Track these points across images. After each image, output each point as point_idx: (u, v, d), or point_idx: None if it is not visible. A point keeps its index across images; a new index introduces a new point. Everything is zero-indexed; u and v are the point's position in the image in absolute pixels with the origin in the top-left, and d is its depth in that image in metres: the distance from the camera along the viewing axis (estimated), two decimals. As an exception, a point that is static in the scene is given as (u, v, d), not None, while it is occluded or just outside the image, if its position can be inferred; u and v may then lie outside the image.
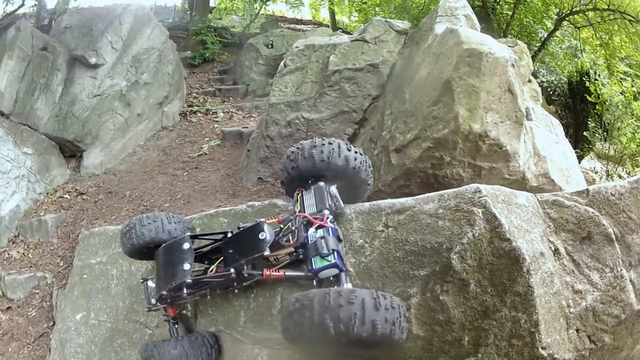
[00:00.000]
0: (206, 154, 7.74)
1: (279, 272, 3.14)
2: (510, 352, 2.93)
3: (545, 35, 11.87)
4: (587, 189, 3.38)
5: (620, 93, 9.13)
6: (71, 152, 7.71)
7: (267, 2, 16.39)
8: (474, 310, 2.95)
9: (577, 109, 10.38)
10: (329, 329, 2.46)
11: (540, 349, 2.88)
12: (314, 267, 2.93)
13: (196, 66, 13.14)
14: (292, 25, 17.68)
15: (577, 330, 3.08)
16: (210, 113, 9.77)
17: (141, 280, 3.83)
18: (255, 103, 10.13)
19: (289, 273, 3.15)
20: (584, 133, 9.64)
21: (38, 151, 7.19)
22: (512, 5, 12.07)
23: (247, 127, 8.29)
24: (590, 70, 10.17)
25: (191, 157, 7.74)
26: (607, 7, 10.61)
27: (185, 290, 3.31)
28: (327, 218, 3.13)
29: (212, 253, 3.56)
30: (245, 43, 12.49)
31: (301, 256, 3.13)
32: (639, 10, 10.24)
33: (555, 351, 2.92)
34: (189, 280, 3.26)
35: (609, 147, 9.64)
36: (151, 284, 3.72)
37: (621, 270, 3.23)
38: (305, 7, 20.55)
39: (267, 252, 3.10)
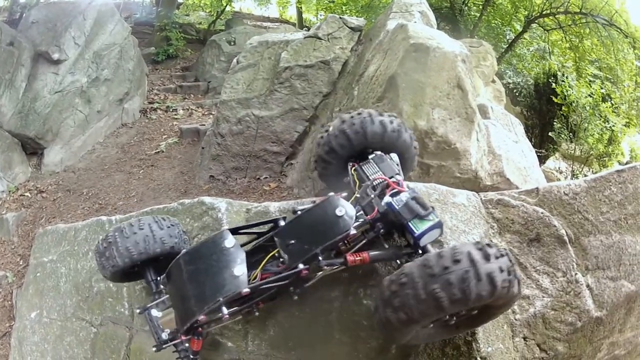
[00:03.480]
0: (163, 152, 7.65)
1: (361, 255, 2.50)
2: None
3: (513, 37, 11.94)
4: (537, 188, 3.23)
5: (589, 95, 9.15)
6: (33, 149, 7.53)
7: (233, -1, 16.24)
8: None
9: (543, 110, 10.45)
10: (442, 301, 2.09)
11: (479, 358, 2.74)
12: (416, 233, 2.39)
13: (159, 62, 13.02)
14: (258, 23, 17.62)
15: (524, 339, 2.95)
16: (170, 110, 9.68)
17: (138, 311, 2.82)
18: (215, 100, 9.71)
19: (373, 253, 2.54)
20: (550, 133, 9.66)
21: (1, 148, 6.99)
22: (480, 7, 12.17)
23: (204, 125, 8.21)
24: (557, 73, 10.18)
25: (148, 155, 7.65)
26: (579, 10, 10.64)
27: (225, 310, 2.33)
28: (403, 183, 2.68)
29: (252, 255, 2.64)
30: (210, 39, 12.47)
31: (382, 230, 2.57)
32: (612, 14, 10.30)
33: None
34: (246, 290, 2.33)
35: (575, 148, 9.67)
36: (156, 312, 2.74)
37: (576, 274, 3.07)
38: (273, 5, 20.39)
39: (353, 231, 2.43)
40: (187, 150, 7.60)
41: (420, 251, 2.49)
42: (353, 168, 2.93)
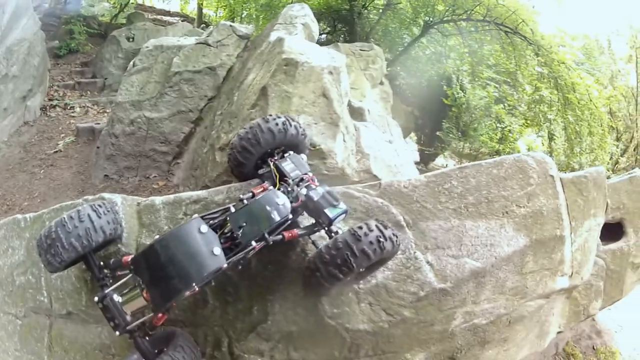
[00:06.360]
0: (61, 151, 7.75)
1: (292, 232, 3.16)
2: (298, 320, 3.42)
3: (410, 41, 12.19)
4: (380, 183, 3.71)
5: (483, 97, 9.77)
6: (-55, 149, 7.34)
7: (137, -8, 15.81)
8: (258, 285, 3.42)
9: (434, 111, 11.07)
10: (369, 254, 2.89)
11: (326, 317, 3.40)
12: (330, 217, 3.11)
13: (61, 57, 12.63)
14: (159, 17, 17.58)
15: (370, 304, 3.46)
16: (68, 108, 9.65)
17: (97, 299, 2.86)
18: (110, 98, 9.76)
19: (299, 230, 3.23)
20: (437, 133, 10.25)
21: None
22: (379, 11, 12.46)
23: (99, 123, 8.32)
24: (452, 75, 10.77)
25: (48, 154, 7.72)
26: (482, 18, 10.82)
27: (196, 284, 2.69)
28: (315, 179, 3.40)
29: None
30: (110, 34, 12.24)
31: (301, 213, 3.30)
32: (518, 22, 10.53)
33: (345, 321, 3.41)
34: (225, 265, 2.71)
35: (464, 146, 10.34)
36: (117, 297, 2.83)
37: (415, 252, 3.55)
38: None
39: (291, 216, 3.07)
40: (83, 150, 7.74)
41: (330, 228, 3.20)
42: (272, 163, 3.45)
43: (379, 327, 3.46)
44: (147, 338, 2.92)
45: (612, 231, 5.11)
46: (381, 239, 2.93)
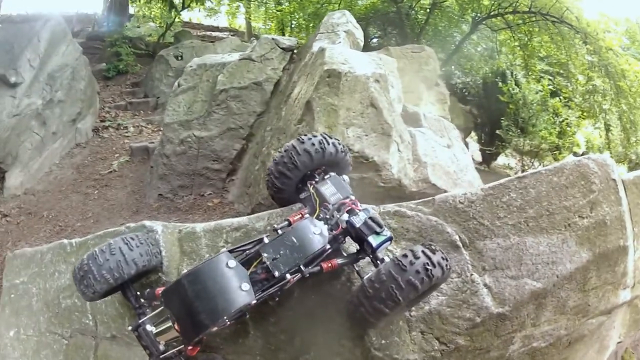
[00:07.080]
0: (116, 171, 7.81)
1: (331, 262, 3.00)
2: (342, 351, 3.22)
3: (461, 39, 12.14)
4: (434, 199, 3.47)
5: (539, 91, 9.42)
6: (-5, 173, 7.52)
7: (182, 11, 15.87)
8: (301, 315, 3.24)
9: (492, 108, 10.65)
10: (417, 285, 2.69)
11: (373, 349, 3.17)
12: (374, 245, 2.90)
13: (110, 78, 12.93)
14: (207, 33, 17.60)
15: (422, 333, 3.23)
16: (121, 128, 9.77)
17: (130, 328, 2.94)
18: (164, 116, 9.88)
19: (340, 260, 3.06)
20: (497, 131, 9.91)
21: (-35, 175, 7.00)
22: (427, 11, 12.33)
23: (153, 142, 8.37)
24: (506, 71, 10.46)
25: (102, 175, 7.79)
26: (528, 9, 10.83)
27: (226, 319, 2.66)
28: (357, 203, 3.15)
29: None
30: (158, 54, 12.38)
31: (342, 242, 3.10)
32: (563, 11, 10.41)
33: (394, 352, 3.17)
34: (255, 301, 2.65)
35: (524, 143, 9.95)
36: (150, 327, 2.87)
37: (471, 275, 3.29)
38: (222, 14, 19.89)
39: (328, 246, 2.91)
40: (138, 169, 7.80)
41: (375, 256, 2.98)
42: (312, 187, 3.27)
43: (431, 357, 3.23)
44: None
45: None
46: (429, 267, 2.73)
